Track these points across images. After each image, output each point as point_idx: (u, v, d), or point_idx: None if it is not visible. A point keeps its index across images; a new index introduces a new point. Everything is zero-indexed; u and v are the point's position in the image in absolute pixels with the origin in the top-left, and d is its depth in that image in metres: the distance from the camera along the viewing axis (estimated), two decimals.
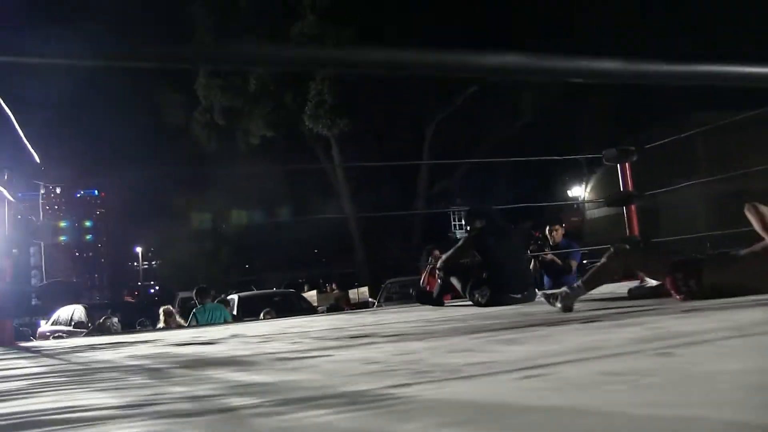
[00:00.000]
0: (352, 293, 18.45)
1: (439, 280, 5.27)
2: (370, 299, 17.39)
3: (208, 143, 22.30)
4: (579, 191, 32.39)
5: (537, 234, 7.68)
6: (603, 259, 3.45)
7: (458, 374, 1.48)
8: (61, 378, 2.20)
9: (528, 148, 19.66)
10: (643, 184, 6.42)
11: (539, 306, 4.17)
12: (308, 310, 12.38)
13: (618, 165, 6.45)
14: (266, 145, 21.71)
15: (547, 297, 3.53)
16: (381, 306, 13.09)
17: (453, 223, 55.40)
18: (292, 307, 11.91)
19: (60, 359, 3.12)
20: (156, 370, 2.28)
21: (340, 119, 19.79)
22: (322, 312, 11.35)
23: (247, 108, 20.76)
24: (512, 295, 4.78)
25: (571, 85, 22.40)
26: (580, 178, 30.54)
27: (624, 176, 6.46)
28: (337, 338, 3.12)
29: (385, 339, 2.81)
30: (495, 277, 4.83)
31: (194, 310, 8.13)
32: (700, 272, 3.23)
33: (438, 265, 5.27)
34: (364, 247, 24.24)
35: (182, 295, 17.75)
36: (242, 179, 23.19)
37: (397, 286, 15.17)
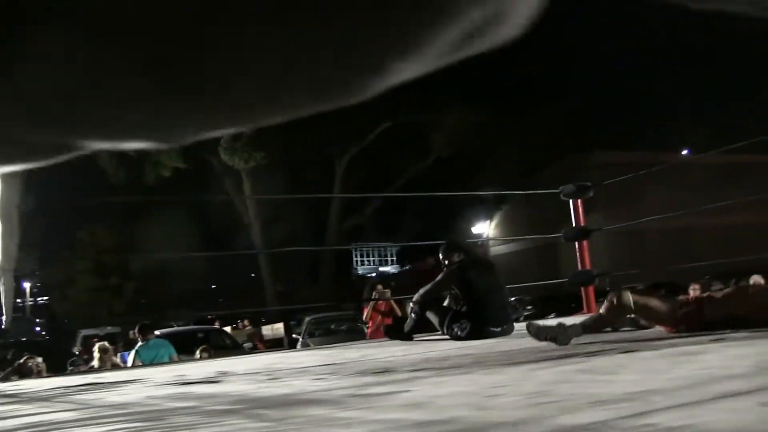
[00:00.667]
0: (266, 329, 17.94)
1: (413, 315, 5.13)
2: (285, 336, 17.00)
3: (117, 174, 21.24)
4: (483, 227, 33.13)
5: None
6: (605, 305, 3.38)
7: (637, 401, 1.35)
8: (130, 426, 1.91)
9: (440, 184, 19.96)
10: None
11: (524, 339, 4.14)
12: (234, 346, 11.90)
13: (571, 201, 6.57)
14: (177, 177, 20.99)
15: (539, 331, 3.40)
16: (306, 342, 12.78)
17: (355, 259, 55.73)
18: (218, 343, 11.41)
19: (76, 403, 2.76)
20: (234, 413, 2.01)
21: (257, 153, 19.42)
22: (249, 348, 10.94)
23: None
24: (492, 329, 4.71)
25: (483, 124, 23.10)
26: (486, 214, 31.21)
27: (576, 212, 6.58)
28: (362, 373, 2.93)
29: (433, 372, 2.65)
30: (476, 310, 4.75)
31: (137, 347, 7.54)
32: (702, 307, 3.26)
33: (414, 299, 5.13)
34: (273, 282, 23.77)
35: (85, 333, 16.72)
36: (149, 211, 22.24)
37: (320, 322, 14.90)
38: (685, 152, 33.39)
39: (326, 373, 3.17)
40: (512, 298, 20.81)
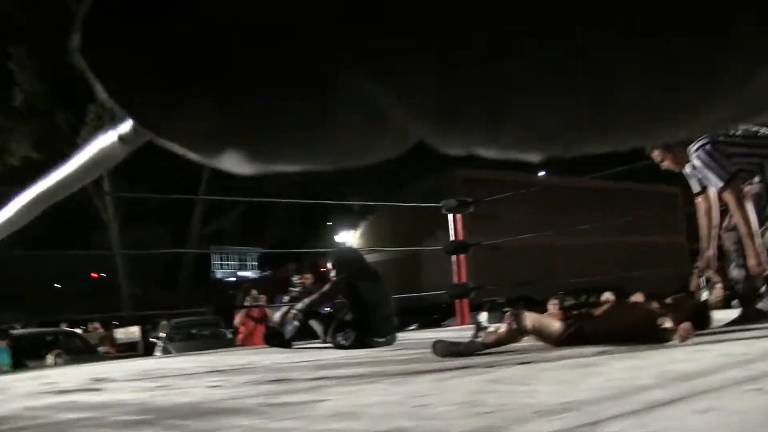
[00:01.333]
0: (119, 333, 17.12)
1: (296, 323, 5.07)
2: (141, 340, 16.29)
3: None
4: (348, 236, 33.33)
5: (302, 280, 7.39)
6: (505, 327, 3.44)
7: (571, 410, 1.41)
8: None
9: (308, 192, 19.92)
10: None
11: (406, 350, 4.22)
12: (88, 350, 11.23)
13: (451, 215, 6.76)
14: (28, 167, 19.54)
15: (444, 349, 3.45)
16: (166, 348, 12.29)
17: (214, 262, 54.31)
18: (71, 347, 10.72)
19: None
20: (148, 423, 1.89)
21: None
22: (104, 353, 10.37)
23: (8, 124, 18.56)
24: (376, 339, 4.75)
25: None
26: (351, 223, 31.42)
27: (456, 226, 6.77)
28: (257, 381, 2.85)
29: (336, 380, 2.63)
30: (361, 320, 4.77)
31: None
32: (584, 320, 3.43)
33: (298, 308, 5.07)
34: (129, 284, 22.72)
35: None
36: None
37: (181, 326, 14.38)
38: (542, 173, 35.27)
39: (218, 380, 3.07)
40: None
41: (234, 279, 50.24)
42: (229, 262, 55.49)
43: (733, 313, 3.95)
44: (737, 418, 1.27)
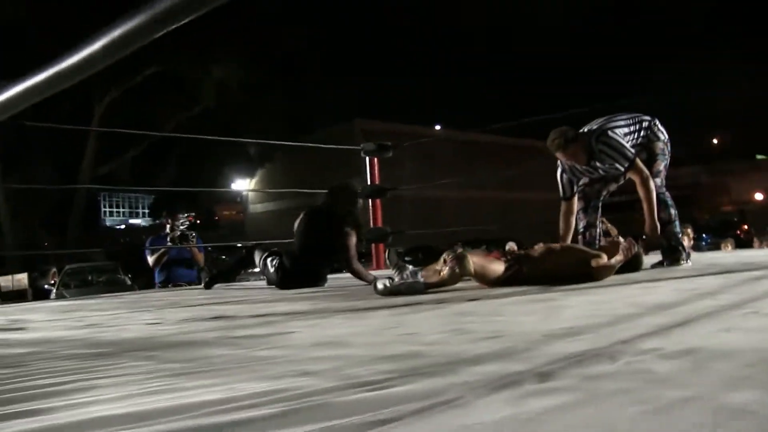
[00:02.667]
0: (4, 280, 16.14)
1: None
2: (30, 287, 15.45)
3: None
4: (243, 184, 32.72)
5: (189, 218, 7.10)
6: (448, 269, 3.40)
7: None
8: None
9: (205, 135, 19.28)
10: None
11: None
12: None
13: (368, 159, 6.67)
14: None
15: (386, 289, 3.39)
16: (61, 294, 11.70)
17: (104, 210, 52.05)
18: None
19: None
20: (111, 355, 1.72)
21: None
22: None
23: None
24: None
25: (254, 83, 22.70)
26: (248, 170, 30.71)
27: (372, 170, 6.70)
28: (200, 318, 2.70)
29: (284, 317, 2.52)
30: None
31: None
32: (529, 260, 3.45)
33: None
34: (12, 230, 21.40)
35: None
36: None
37: (76, 272, 13.71)
38: (437, 127, 35.70)
39: (153, 318, 2.90)
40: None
41: (123, 227, 48.43)
42: (120, 210, 53.38)
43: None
44: (761, 336, 1.27)
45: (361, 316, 2.43)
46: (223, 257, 24.22)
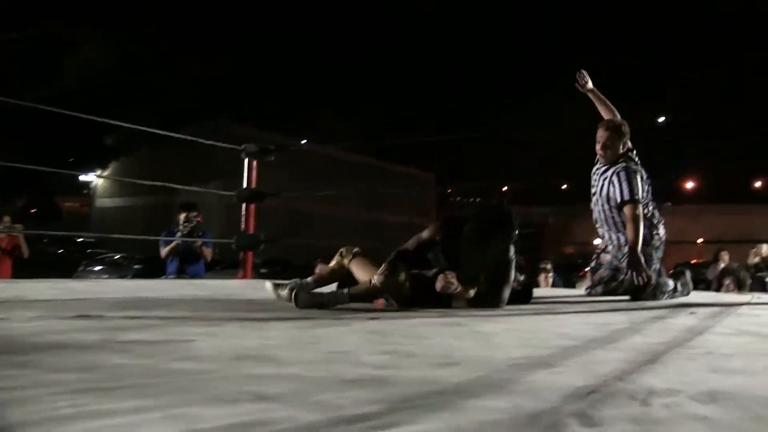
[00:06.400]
0: None
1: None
2: None
3: None
4: (91, 177, 30.83)
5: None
6: (380, 278, 3.17)
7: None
8: None
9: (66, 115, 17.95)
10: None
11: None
12: None
13: (247, 161, 6.36)
14: None
15: (307, 301, 3.13)
16: None
17: None
18: None
19: None
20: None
21: None
22: None
23: None
24: None
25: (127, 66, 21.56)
26: (101, 160, 28.78)
27: (250, 173, 6.39)
28: (61, 317, 2.33)
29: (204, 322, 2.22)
30: None
31: None
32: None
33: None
34: None
35: None
36: None
37: None
38: (303, 141, 35.44)
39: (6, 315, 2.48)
40: (120, 255, 19.72)
41: None
42: None
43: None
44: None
45: (259, 327, 2.19)
46: (60, 251, 22.60)
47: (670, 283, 4.05)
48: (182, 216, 6.75)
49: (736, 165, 35.64)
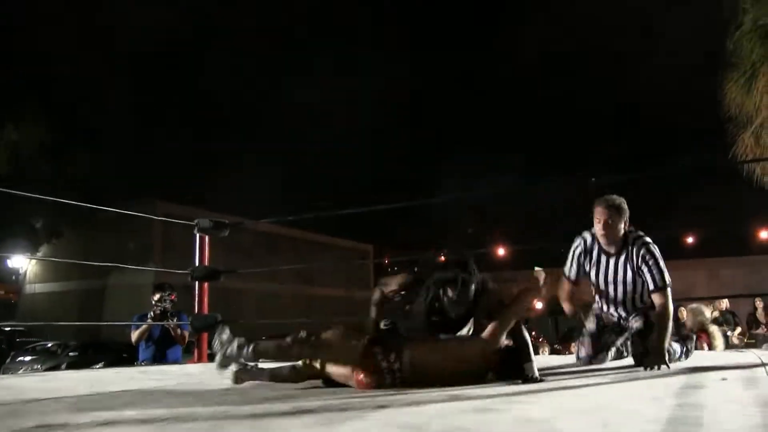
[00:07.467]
0: None
1: None
2: None
3: None
4: (22, 261, 29.50)
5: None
6: (298, 341, 2.95)
7: None
8: None
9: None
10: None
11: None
12: None
13: (198, 237, 6.01)
14: None
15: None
16: None
17: None
18: None
19: None
20: None
21: None
22: None
23: None
24: None
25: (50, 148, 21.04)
26: (31, 245, 27.51)
27: (202, 250, 6.03)
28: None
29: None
30: None
31: None
32: (401, 347, 2.98)
33: None
34: None
35: None
36: None
37: None
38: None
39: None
40: (53, 343, 18.63)
41: None
42: None
43: None
44: None
45: (267, 427, 1.86)
46: None
47: (678, 348, 3.85)
48: (156, 297, 6.43)
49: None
